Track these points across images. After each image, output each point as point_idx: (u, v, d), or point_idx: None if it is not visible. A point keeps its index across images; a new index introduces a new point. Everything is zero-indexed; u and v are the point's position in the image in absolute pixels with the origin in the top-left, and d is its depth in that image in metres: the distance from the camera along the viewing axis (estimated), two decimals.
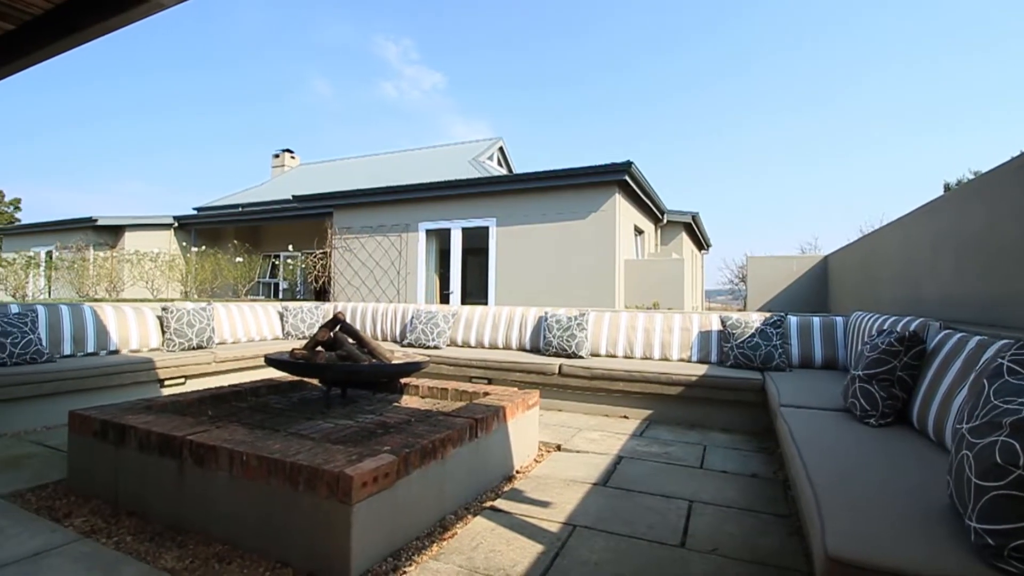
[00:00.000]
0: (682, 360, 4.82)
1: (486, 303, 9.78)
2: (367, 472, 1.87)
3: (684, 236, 14.01)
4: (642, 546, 2.16)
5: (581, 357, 4.94)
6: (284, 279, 14.68)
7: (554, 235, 9.20)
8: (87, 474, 2.62)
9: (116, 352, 4.59)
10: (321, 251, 11.69)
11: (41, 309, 4.24)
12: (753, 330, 4.47)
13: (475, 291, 12.49)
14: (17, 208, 32.42)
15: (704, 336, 4.84)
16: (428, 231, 10.63)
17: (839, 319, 4.53)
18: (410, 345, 5.84)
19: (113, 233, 14.02)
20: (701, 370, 4.33)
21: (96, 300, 6.22)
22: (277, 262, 14.67)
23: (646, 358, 4.94)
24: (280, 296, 14.86)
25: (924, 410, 2.20)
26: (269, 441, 2.20)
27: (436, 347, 5.73)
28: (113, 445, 2.49)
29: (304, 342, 6.16)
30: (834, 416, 2.66)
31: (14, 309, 4.08)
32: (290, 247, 13.74)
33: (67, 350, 4.28)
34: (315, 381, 3.94)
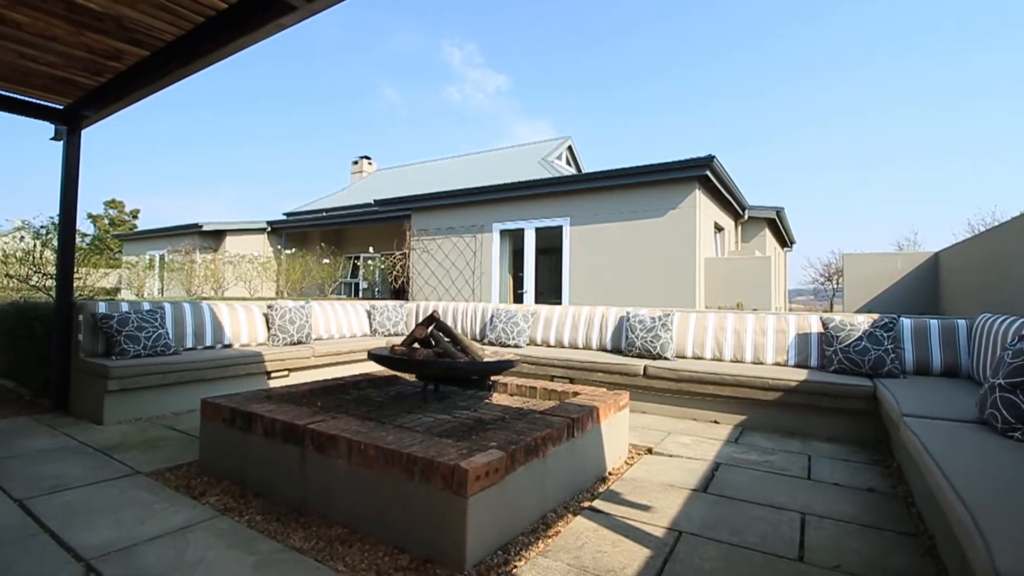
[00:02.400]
0: (778, 364, 4.57)
1: (558, 303, 9.76)
2: (480, 466, 1.92)
3: (767, 233, 13.28)
4: (755, 557, 2.07)
5: (666, 359, 4.81)
6: (364, 279, 15.41)
7: (630, 234, 9.02)
8: (217, 457, 2.88)
9: (230, 346, 5.02)
10: (400, 252, 12.16)
11: (168, 306, 4.71)
12: (860, 333, 4.15)
13: (547, 291, 12.50)
14: (135, 216, 36.30)
15: (802, 339, 4.56)
16: (502, 231, 10.76)
17: (961, 322, 4.10)
18: (490, 343, 5.93)
19: (216, 237, 15.34)
20: (800, 375, 4.08)
21: (204, 298, 6.84)
22: (358, 263, 15.42)
23: (737, 361, 4.72)
24: (360, 295, 15.62)
25: None
26: (382, 432, 2.32)
27: (516, 346, 5.78)
28: (241, 431, 2.72)
29: (390, 338, 6.46)
30: (970, 428, 2.42)
31: (146, 307, 4.56)
32: (370, 249, 14.40)
33: (189, 343, 4.73)
34: (408, 376, 4.10)
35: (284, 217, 18.64)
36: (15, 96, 4.37)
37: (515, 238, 10.97)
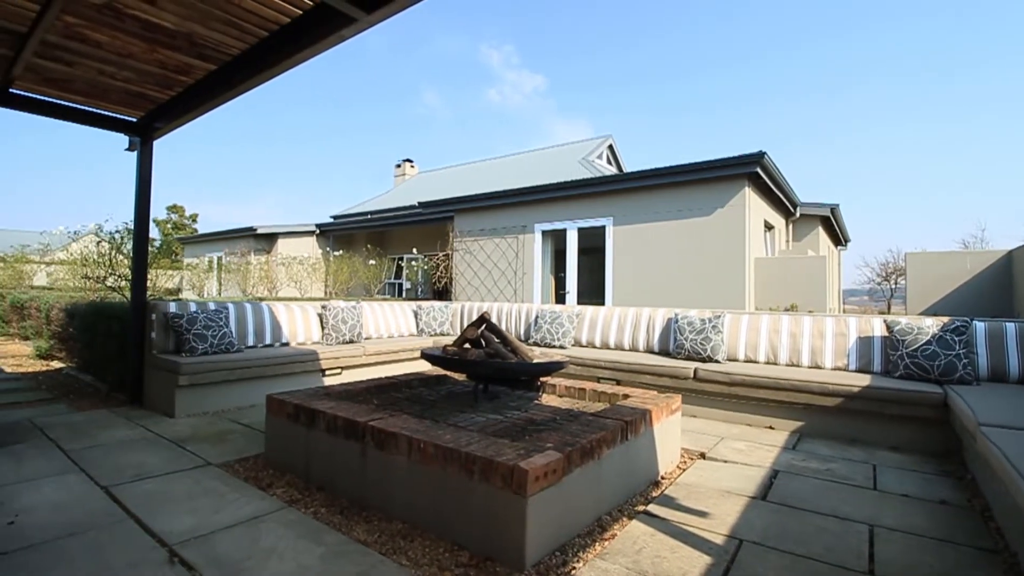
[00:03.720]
0: (837, 368, 4.38)
1: (601, 303, 9.67)
2: (539, 467, 1.94)
3: (820, 231, 12.73)
4: (822, 569, 2.00)
5: (717, 361, 4.70)
6: (407, 279, 15.72)
7: (675, 233, 8.85)
8: (282, 450, 3.02)
9: (287, 344, 5.23)
10: (443, 253, 12.35)
11: (231, 306, 4.95)
12: (928, 337, 3.94)
13: (589, 291, 12.42)
14: (194, 220, 38.46)
15: (864, 342, 4.36)
16: (544, 232, 10.76)
17: None
18: (535, 344, 5.94)
19: (269, 240, 16.01)
20: (863, 380, 3.91)
21: (260, 299, 7.16)
22: (402, 263, 15.75)
23: (793, 365, 4.56)
24: (403, 295, 15.95)
25: None
26: (440, 431, 2.37)
27: (561, 346, 5.78)
28: (304, 427, 2.84)
29: (436, 338, 6.57)
30: None
31: (211, 306, 4.81)
32: (414, 250, 14.68)
33: (250, 342, 4.96)
34: (457, 375, 4.17)
35: (331, 220, 19.23)
36: (94, 110, 4.70)
37: (557, 238, 10.95)
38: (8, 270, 14.49)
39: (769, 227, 10.25)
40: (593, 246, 10.67)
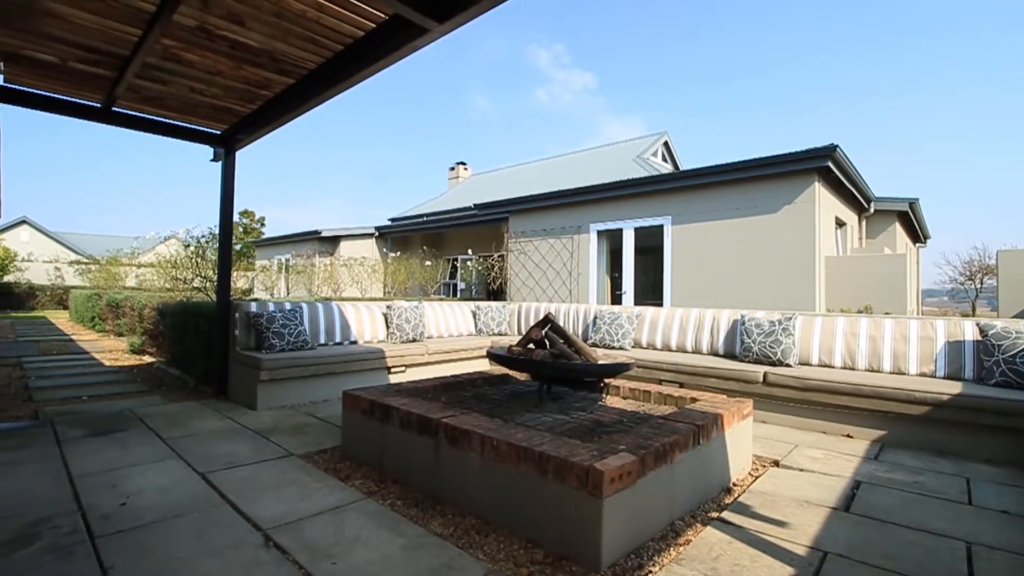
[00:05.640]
0: (923, 375, 4.11)
1: (658, 304, 9.47)
2: (614, 469, 1.95)
3: (897, 227, 11.91)
4: None
5: (788, 365, 4.51)
6: (462, 280, 16.00)
7: (738, 232, 8.54)
8: (357, 444, 3.17)
9: (355, 343, 5.47)
10: (498, 254, 12.48)
11: (305, 306, 5.23)
12: None
13: (646, 291, 12.19)
14: (263, 224, 40.85)
15: (953, 347, 4.06)
16: (599, 232, 10.66)
17: None
18: (594, 346, 5.91)
19: (332, 242, 16.73)
20: (954, 388, 3.64)
21: (326, 299, 7.50)
22: (456, 264, 16.04)
23: (872, 370, 4.31)
24: (458, 295, 16.24)
25: None
26: (511, 430, 2.42)
27: (621, 348, 5.72)
28: (379, 422, 2.97)
29: (494, 338, 6.66)
30: None
31: (287, 306, 5.10)
32: (468, 251, 14.91)
33: (322, 339, 5.22)
34: (517, 374, 4.22)
35: (389, 222, 19.85)
36: (185, 124, 5.09)
37: (613, 238, 10.82)
38: (103, 272, 15.89)
39: (840, 224, 9.71)
40: (649, 246, 10.46)
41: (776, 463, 3.31)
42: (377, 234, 17.39)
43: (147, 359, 7.28)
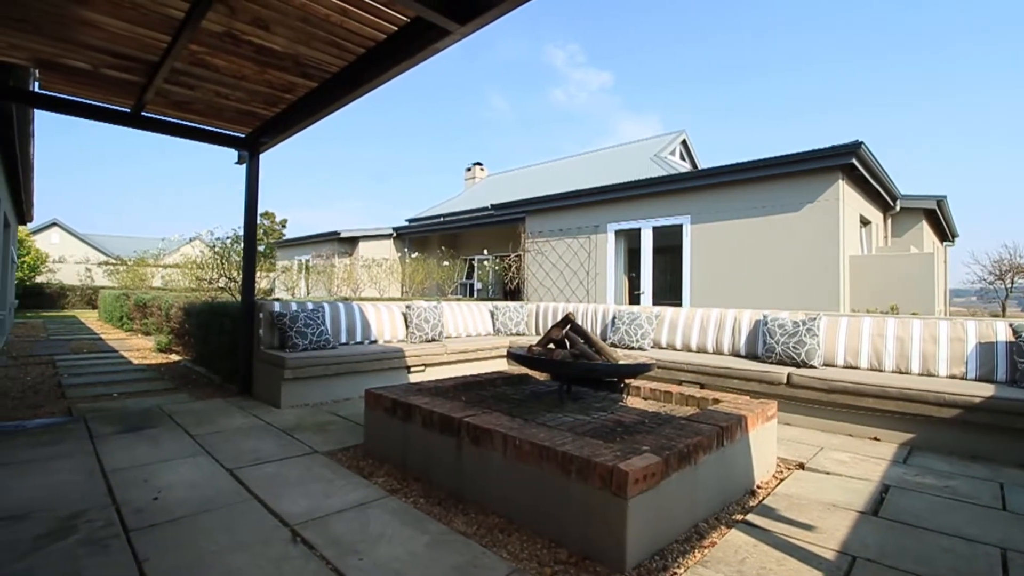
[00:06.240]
0: (953, 376, 4.01)
1: (677, 304, 9.38)
2: (638, 469, 1.94)
3: (924, 226, 11.62)
4: None
5: (812, 367, 4.43)
6: (479, 280, 16.05)
7: (760, 230, 8.42)
8: (380, 442, 3.20)
9: (375, 342, 5.53)
10: (515, 254, 12.49)
11: (326, 306, 5.30)
12: None
13: (664, 291, 12.09)
14: (284, 226, 41.55)
15: (985, 348, 3.95)
16: (617, 232, 10.60)
17: None
18: (613, 346, 5.88)
19: (351, 243, 16.92)
20: (986, 390, 3.55)
21: (346, 299, 7.59)
22: (474, 264, 16.10)
23: (900, 372, 4.22)
24: (475, 295, 16.29)
25: None
26: (534, 429, 2.43)
27: (640, 348, 5.68)
28: (401, 420, 3.00)
29: (512, 338, 6.67)
30: None
31: (310, 306, 5.17)
32: (485, 251, 14.95)
33: (343, 339, 5.29)
34: (537, 374, 4.23)
35: (407, 223, 20.01)
36: (210, 128, 5.20)
37: (630, 238, 10.75)
38: (130, 273, 16.31)
39: (865, 222, 9.51)
40: (668, 245, 10.36)
41: (801, 466, 3.26)
42: (395, 235, 17.53)
43: (174, 357, 7.45)
